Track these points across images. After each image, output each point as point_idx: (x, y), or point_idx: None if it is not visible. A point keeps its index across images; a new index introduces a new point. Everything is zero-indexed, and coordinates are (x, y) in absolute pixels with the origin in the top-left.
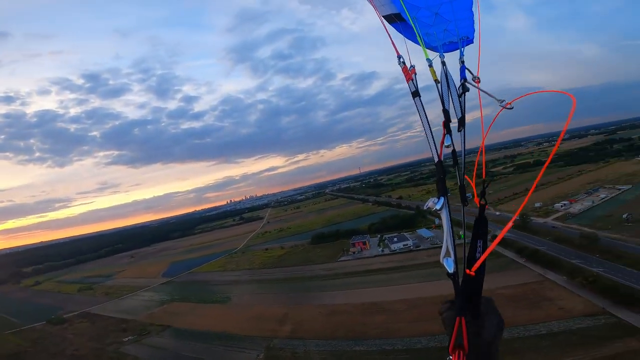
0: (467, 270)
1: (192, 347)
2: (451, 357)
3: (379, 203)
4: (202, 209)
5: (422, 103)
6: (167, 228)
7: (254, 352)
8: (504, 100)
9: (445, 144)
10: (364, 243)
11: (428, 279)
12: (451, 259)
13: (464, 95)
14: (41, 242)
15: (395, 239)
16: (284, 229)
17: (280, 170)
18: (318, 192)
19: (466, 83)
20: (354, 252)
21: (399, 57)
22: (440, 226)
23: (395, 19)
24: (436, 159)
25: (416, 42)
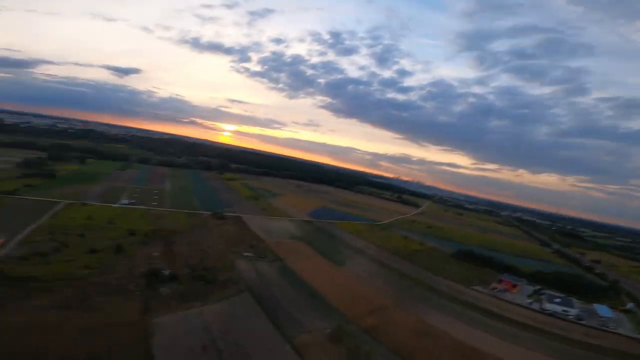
0: None
1: (283, 290)
2: None
3: (562, 255)
4: (371, 172)
5: None
6: (336, 175)
7: (326, 323)
8: None
9: None
10: (514, 285)
11: (549, 351)
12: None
13: None
14: (253, 148)
15: (557, 300)
16: (434, 227)
17: (461, 171)
18: (490, 210)
19: None
20: (494, 288)
21: None
22: (630, 310)
23: None
24: None
25: None
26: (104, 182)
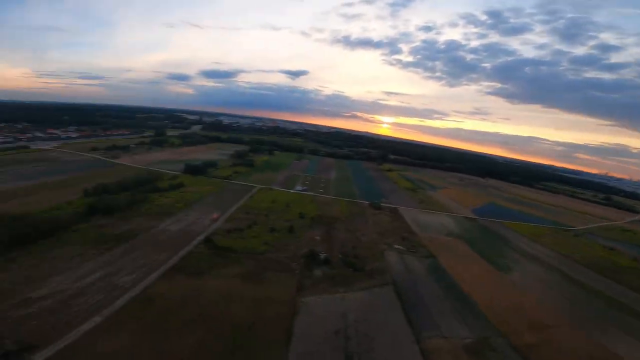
0: None
1: (428, 288)
2: None
3: None
4: (561, 167)
5: None
6: (510, 169)
7: (468, 332)
8: None
9: None
10: None
11: None
12: None
13: None
14: (411, 140)
15: None
16: None
17: None
18: None
19: None
20: None
21: None
22: None
23: None
24: None
25: None
26: (285, 170)
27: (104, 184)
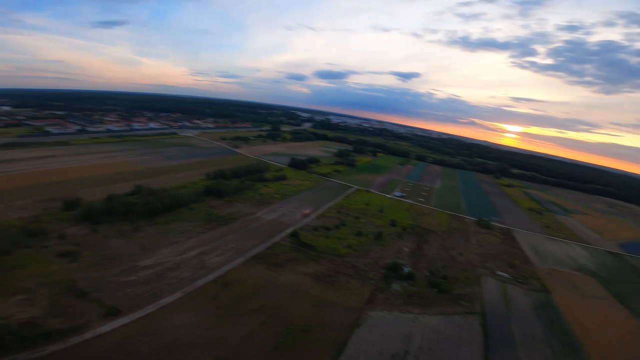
0: None
1: (528, 328)
2: None
3: None
4: None
5: None
6: None
7: None
8: None
9: None
10: None
11: None
12: None
13: None
14: (546, 153)
15: None
16: None
17: None
18: None
19: None
20: None
21: None
22: None
23: None
24: None
25: None
26: (386, 174)
27: (222, 170)
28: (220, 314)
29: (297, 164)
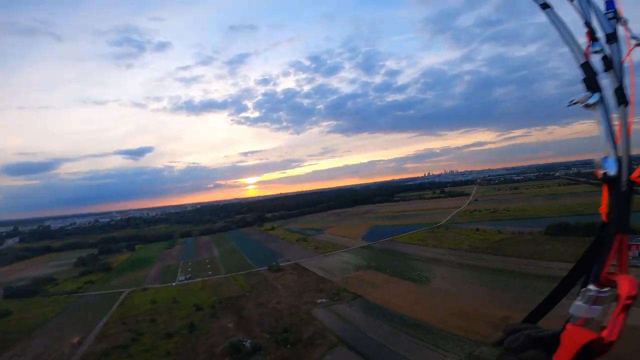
0: (633, 176)
1: (378, 329)
2: (592, 288)
3: None
4: (400, 178)
5: (555, 14)
6: (369, 193)
7: (452, 356)
8: None
9: (593, 49)
10: None
11: None
12: (612, 159)
13: (614, 19)
14: (279, 193)
15: None
16: (499, 211)
17: (489, 147)
18: (544, 174)
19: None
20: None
21: None
22: None
23: None
24: (581, 60)
25: None
26: (156, 263)
27: None
28: None
29: (21, 292)
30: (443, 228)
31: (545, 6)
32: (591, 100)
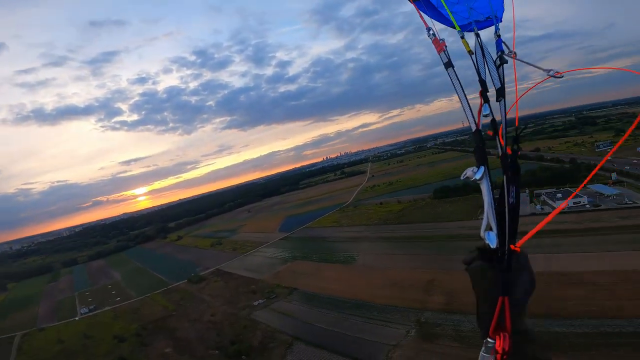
0: (512, 246)
1: (325, 317)
2: (491, 340)
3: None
4: (301, 166)
5: (455, 73)
6: (274, 184)
7: (402, 327)
8: (551, 70)
9: (484, 113)
10: None
11: (634, 246)
12: (493, 232)
13: (502, 67)
14: (179, 199)
15: (559, 195)
16: (394, 183)
17: (374, 127)
18: (419, 146)
19: (504, 55)
20: None
21: (428, 29)
22: (620, 181)
23: None
24: (474, 128)
25: (440, 21)
26: (42, 299)
27: None
28: None
29: None
30: (352, 207)
31: (448, 65)
32: (477, 176)
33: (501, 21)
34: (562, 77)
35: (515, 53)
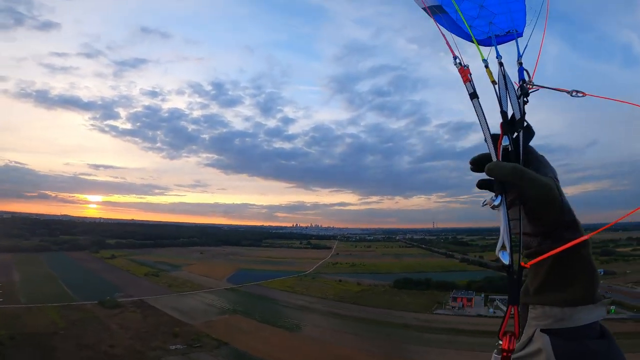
0: (522, 263)
1: None
2: (501, 342)
3: (469, 261)
4: (269, 225)
5: (480, 105)
6: (237, 235)
7: None
8: (577, 91)
9: (503, 144)
10: (469, 299)
11: None
12: (507, 252)
13: (522, 98)
14: (132, 219)
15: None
16: (357, 265)
17: (351, 207)
18: (388, 237)
19: (525, 84)
20: (453, 307)
21: (455, 57)
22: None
23: (437, 11)
24: (494, 159)
25: (458, 35)
26: None
27: None
28: None
29: None
30: (310, 277)
31: (473, 96)
32: (496, 202)
33: (522, 36)
34: (584, 96)
35: (532, 84)
